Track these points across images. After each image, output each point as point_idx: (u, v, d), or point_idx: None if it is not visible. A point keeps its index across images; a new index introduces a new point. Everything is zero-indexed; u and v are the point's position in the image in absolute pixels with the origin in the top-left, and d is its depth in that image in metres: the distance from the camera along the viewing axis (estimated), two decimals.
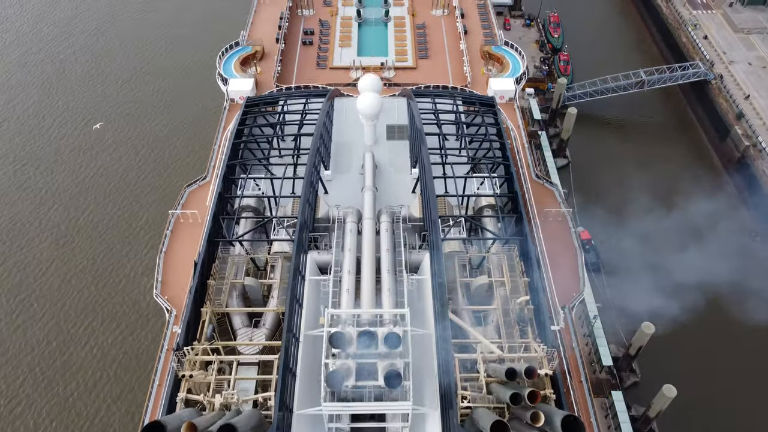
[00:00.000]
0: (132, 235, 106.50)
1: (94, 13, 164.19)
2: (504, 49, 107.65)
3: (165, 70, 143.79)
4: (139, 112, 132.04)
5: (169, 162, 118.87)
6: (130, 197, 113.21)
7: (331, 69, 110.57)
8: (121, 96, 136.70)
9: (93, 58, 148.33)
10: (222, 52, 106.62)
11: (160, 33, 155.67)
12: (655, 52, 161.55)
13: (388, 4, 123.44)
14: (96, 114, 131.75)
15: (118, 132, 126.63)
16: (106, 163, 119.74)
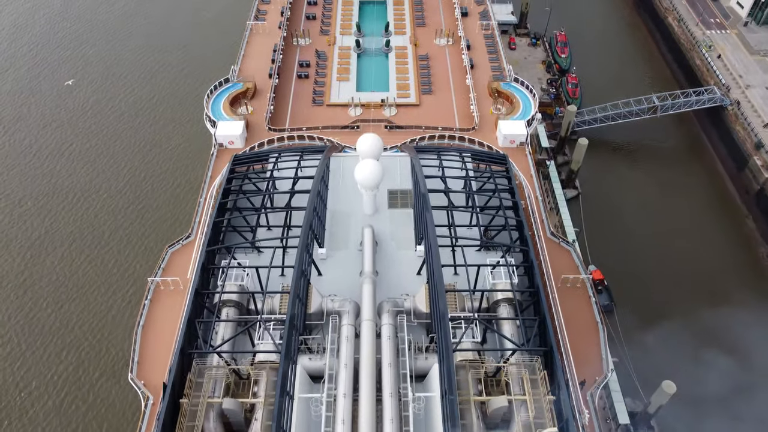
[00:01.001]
0: (104, 308, 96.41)
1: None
2: (513, 86, 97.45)
3: (150, 109, 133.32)
4: (122, 151, 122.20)
5: (152, 213, 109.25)
6: (106, 253, 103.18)
7: (328, 106, 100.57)
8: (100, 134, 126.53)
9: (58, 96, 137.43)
10: (210, 90, 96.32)
11: (147, 62, 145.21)
12: (667, 73, 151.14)
13: (389, 33, 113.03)
14: (66, 154, 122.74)
15: (88, 175, 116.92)
16: (80, 214, 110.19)
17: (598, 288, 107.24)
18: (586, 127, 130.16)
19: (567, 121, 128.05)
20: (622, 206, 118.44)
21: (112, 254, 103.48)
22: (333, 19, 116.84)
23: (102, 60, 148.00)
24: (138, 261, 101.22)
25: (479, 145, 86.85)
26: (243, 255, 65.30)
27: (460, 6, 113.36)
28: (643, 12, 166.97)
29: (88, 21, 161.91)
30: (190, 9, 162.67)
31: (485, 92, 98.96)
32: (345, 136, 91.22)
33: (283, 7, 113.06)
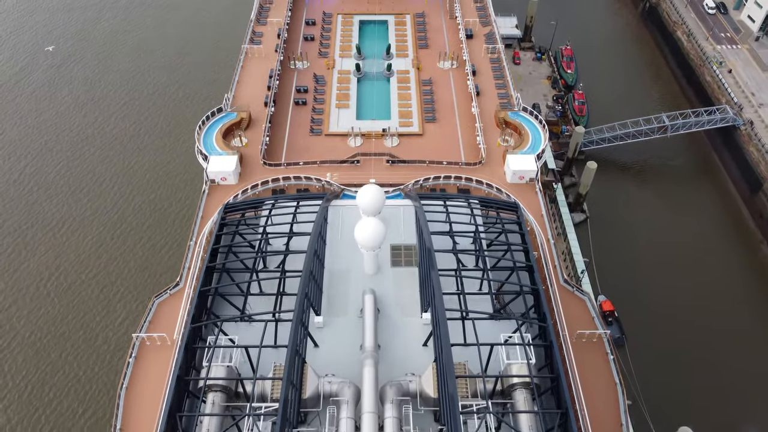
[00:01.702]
0: (86, 369, 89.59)
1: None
2: (522, 116, 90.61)
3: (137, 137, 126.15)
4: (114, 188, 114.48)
5: (139, 254, 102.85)
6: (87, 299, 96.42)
7: (326, 136, 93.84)
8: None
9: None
10: (203, 121, 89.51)
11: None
12: (676, 89, 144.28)
13: (390, 55, 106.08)
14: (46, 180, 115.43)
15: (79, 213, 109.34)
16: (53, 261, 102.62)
17: (608, 320, 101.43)
18: (594, 147, 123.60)
19: (574, 143, 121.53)
20: (632, 230, 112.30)
21: (93, 301, 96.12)
22: (332, 40, 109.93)
23: (85, 82, 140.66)
24: (123, 309, 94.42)
25: (487, 186, 79.90)
26: (233, 325, 58.64)
27: (464, 27, 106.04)
28: (651, 25, 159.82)
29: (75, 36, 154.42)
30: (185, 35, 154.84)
31: (492, 122, 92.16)
32: (344, 171, 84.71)
33: (280, 29, 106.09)
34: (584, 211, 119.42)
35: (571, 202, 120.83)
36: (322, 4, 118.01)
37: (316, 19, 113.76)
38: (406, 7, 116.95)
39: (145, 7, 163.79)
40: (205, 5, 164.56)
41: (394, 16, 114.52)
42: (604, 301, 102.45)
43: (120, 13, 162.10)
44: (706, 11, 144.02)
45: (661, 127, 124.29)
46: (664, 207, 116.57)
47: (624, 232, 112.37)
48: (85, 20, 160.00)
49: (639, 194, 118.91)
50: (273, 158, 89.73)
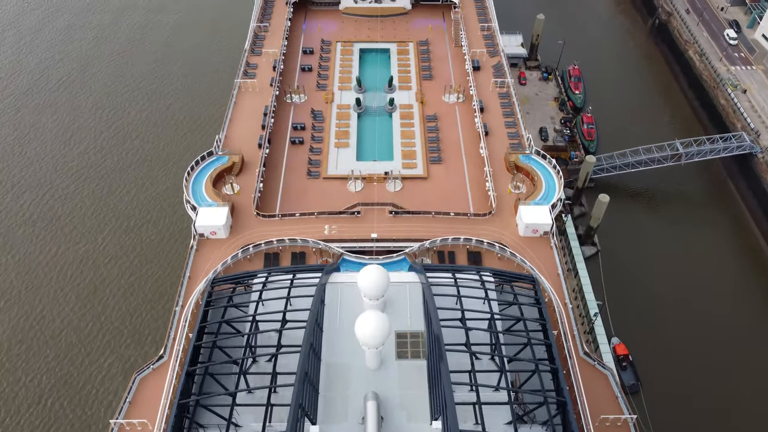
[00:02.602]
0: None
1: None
2: (534, 159, 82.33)
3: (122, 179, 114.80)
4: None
5: (120, 321, 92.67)
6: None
7: (325, 179, 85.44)
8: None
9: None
10: (192, 167, 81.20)
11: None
12: (688, 111, 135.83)
13: (393, 88, 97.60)
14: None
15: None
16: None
17: (623, 364, 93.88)
18: (605, 174, 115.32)
19: (585, 172, 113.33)
20: (645, 263, 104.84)
21: (72, 374, 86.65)
22: (331, 70, 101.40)
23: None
24: (100, 385, 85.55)
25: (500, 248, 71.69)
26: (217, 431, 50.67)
27: (471, 59, 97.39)
28: (661, 43, 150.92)
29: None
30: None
31: (502, 165, 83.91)
32: (344, 223, 76.61)
33: (276, 61, 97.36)
34: (595, 244, 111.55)
35: (581, 234, 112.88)
36: (320, 31, 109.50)
37: (314, 47, 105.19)
38: (408, 34, 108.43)
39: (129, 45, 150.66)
40: (193, 38, 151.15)
41: (397, 44, 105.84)
42: (618, 344, 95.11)
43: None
44: (727, 42, 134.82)
45: (675, 155, 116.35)
46: (678, 238, 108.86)
47: (636, 265, 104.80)
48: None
49: (651, 224, 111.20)
50: (267, 205, 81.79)
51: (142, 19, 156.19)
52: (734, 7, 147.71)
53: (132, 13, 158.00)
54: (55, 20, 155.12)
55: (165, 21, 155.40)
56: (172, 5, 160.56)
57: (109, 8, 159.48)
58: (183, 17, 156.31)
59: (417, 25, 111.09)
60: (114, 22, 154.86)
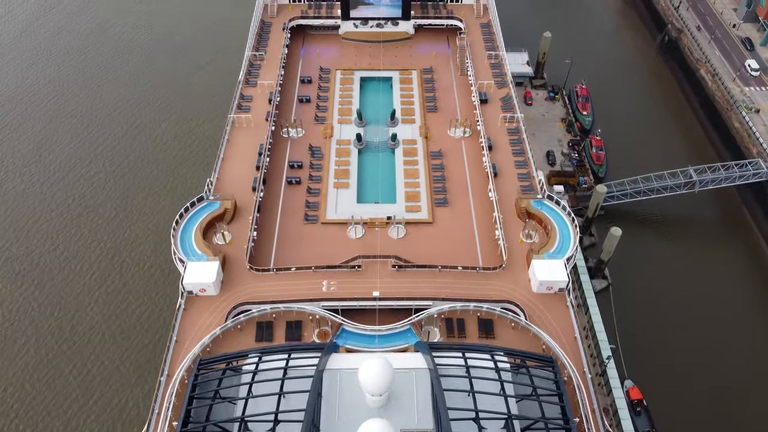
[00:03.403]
0: None
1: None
2: (547, 205, 75.08)
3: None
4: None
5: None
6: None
7: (323, 224, 78.06)
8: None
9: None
10: (180, 214, 73.90)
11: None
12: (700, 133, 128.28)
13: (395, 121, 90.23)
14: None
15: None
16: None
17: (637, 409, 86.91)
18: (615, 202, 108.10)
19: (595, 202, 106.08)
20: (658, 297, 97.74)
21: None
22: (330, 101, 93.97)
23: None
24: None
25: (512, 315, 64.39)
26: None
27: (478, 91, 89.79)
28: (670, 60, 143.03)
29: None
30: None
31: (512, 210, 76.57)
32: (343, 278, 69.44)
33: (272, 93, 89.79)
34: (606, 277, 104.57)
35: (591, 266, 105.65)
36: (318, 57, 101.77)
37: (313, 76, 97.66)
38: (411, 61, 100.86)
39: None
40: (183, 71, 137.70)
41: (399, 72, 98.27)
42: (632, 388, 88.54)
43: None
44: (749, 74, 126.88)
45: (689, 182, 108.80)
46: (692, 269, 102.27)
47: (650, 299, 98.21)
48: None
49: (664, 255, 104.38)
50: (262, 254, 74.73)
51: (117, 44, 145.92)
52: (747, 23, 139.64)
53: (107, 37, 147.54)
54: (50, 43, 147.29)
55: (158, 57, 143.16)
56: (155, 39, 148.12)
57: (80, 31, 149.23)
58: (170, 46, 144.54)
59: (420, 50, 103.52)
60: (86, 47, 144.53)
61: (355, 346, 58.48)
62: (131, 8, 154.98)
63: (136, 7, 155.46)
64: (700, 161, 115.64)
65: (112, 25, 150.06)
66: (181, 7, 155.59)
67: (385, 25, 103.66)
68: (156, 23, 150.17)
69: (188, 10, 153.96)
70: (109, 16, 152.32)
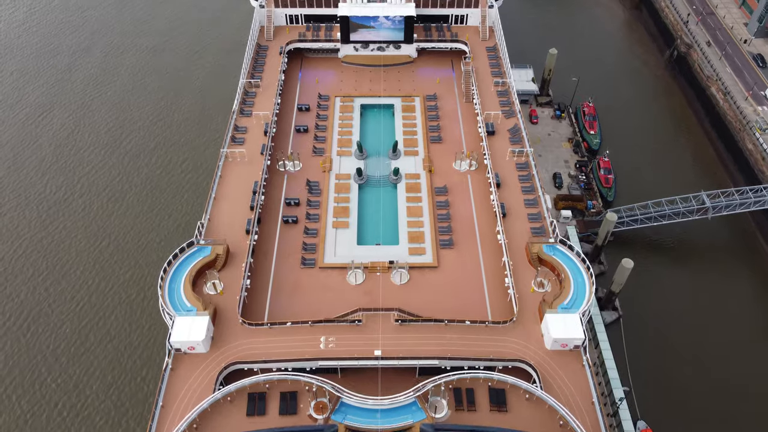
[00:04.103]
0: None
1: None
2: (560, 250, 68.74)
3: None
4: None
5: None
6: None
7: (321, 269, 71.78)
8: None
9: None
10: (169, 261, 67.57)
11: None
12: (711, 154, 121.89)
13: (398, 153, 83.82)
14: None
15: None
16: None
17: None
18: (625, 228, 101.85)
19: (605, 230, 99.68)
20: (670, 330, 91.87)
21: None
22: (329, 131, 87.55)
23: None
24: None
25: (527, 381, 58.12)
26: None
27: (485, 122, 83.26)
28: (679, 76, 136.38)
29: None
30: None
31: (522, 255, 70.19)
32: (343, 334, 63.41)
33: (267, 124, 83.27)
34: (616, 308, 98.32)
35: (601, 296, 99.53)
36: (317, 83, 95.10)
37: (311, 103, 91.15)
38: (414, 86, 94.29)
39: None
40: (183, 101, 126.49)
41: (402, 98, 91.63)
42: (645, 430, 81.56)
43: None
44: (764, 93, 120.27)
45: (701, 208, 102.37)
46: (706, 298, 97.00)
47: (662, 332, 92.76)
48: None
49: (677, 284, 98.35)
50: (255, 303, 68.94)
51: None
52: (758, 39, 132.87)
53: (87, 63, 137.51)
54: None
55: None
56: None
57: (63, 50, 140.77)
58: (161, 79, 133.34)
59: (424, 74, 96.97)
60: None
61: (355, 423, 52.18)
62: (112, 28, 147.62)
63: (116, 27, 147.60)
64: (712, 183, 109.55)
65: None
66: (169, 31, 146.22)
67: (386, 49, 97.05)
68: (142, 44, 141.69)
69: (178, 32, 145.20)
70: (91, 43, 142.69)
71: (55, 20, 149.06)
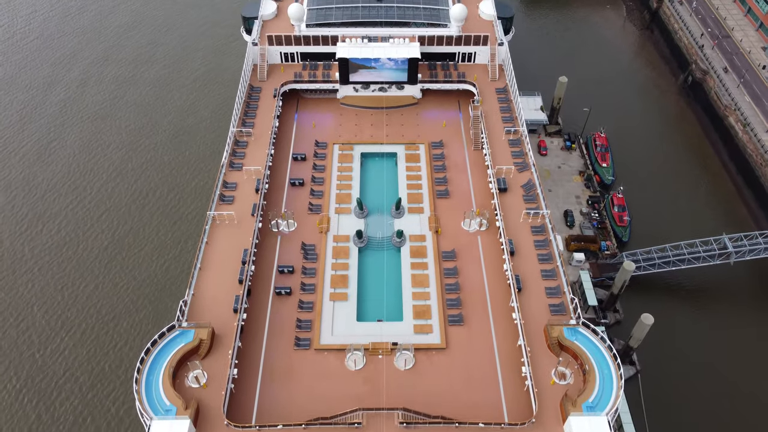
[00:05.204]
0: None
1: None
2: (583, 334, 58.97)
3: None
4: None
5: None
6: None
7: (316, 350, 62.39)
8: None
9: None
10: (147, 350, 58.27)
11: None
12: (730, 188, 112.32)
13: (401, 211, 74.10)
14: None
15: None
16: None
17: None
18: (642, 273, 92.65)
19: (621, 280, 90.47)
20: (694, 386, 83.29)
21: None
22: (327, 185, 77.96)
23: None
24: None
25: None
26: None
27: (496, 177, 73.44)
28: (694, 103, 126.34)
29: None
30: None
31: (540, 338, 60.56)
32: None
33: (259, 180, 73.57)
34: (634, 363, 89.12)
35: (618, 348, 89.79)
36: (314, 127, 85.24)
37: (307, 153, 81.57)
38: (419, 131, 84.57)
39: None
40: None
41: (405, 146, 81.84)
42: None
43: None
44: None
45: (723, 253, 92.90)
46: (730, 348, 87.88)
47: (685, 390, 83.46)
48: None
49: (698, 333, 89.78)
50: (243, 395, 60.01)
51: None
52: None
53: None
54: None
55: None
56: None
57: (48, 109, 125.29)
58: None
59: (429, 117, 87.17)
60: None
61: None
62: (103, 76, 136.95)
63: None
64: (731, 221, 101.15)
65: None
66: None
67: (389, 89, 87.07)
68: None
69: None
70: (71, 95, 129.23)
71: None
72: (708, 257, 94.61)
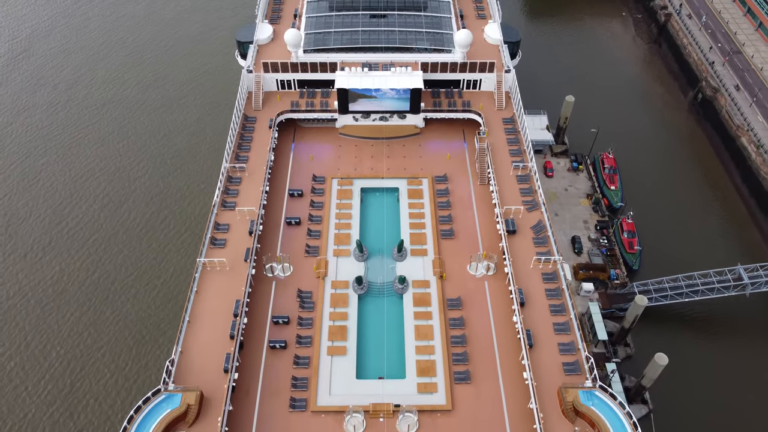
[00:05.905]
0: None
1: None
2: (600, 399, 53.09)
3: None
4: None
5: None
6: None
7: (313, 413, 56.68)
8: None
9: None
10: (130, 417, 52.49)
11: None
12: (743, 212, 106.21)
13: (403, 253, 68.13)
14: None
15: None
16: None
17: None
18: (653, 304, 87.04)
19: (633, 314, 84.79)
20: (709, 424, 78.33)
21: None
22: (324, 224, 72.02)
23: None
24: None
25: None
26: None
27: (504, 219, 67.37)
28: (704, 121, 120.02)
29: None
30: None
31: (554, 402, 54.63)
32: None
33: (253, 221, 67.60)
34: (646, 401, 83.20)
35: (628, 386, 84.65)
36: (312, 161, 79.24)
37: (304, 189, 75.59)
38: (422, 163, 78.57)
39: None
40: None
41: (407, 180, 75.80)
42: None
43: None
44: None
45: (738, 284, 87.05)
46: (749, 384, 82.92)
47: (699, 429, 78.74)
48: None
49: (711, 368, 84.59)
50: None
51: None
52: None
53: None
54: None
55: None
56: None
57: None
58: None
59: (432, 148, 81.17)
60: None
61: None
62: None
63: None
64: (744, 245, 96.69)
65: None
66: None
67: (390, 119, 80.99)
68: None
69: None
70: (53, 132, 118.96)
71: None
72: (722, 288, 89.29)
